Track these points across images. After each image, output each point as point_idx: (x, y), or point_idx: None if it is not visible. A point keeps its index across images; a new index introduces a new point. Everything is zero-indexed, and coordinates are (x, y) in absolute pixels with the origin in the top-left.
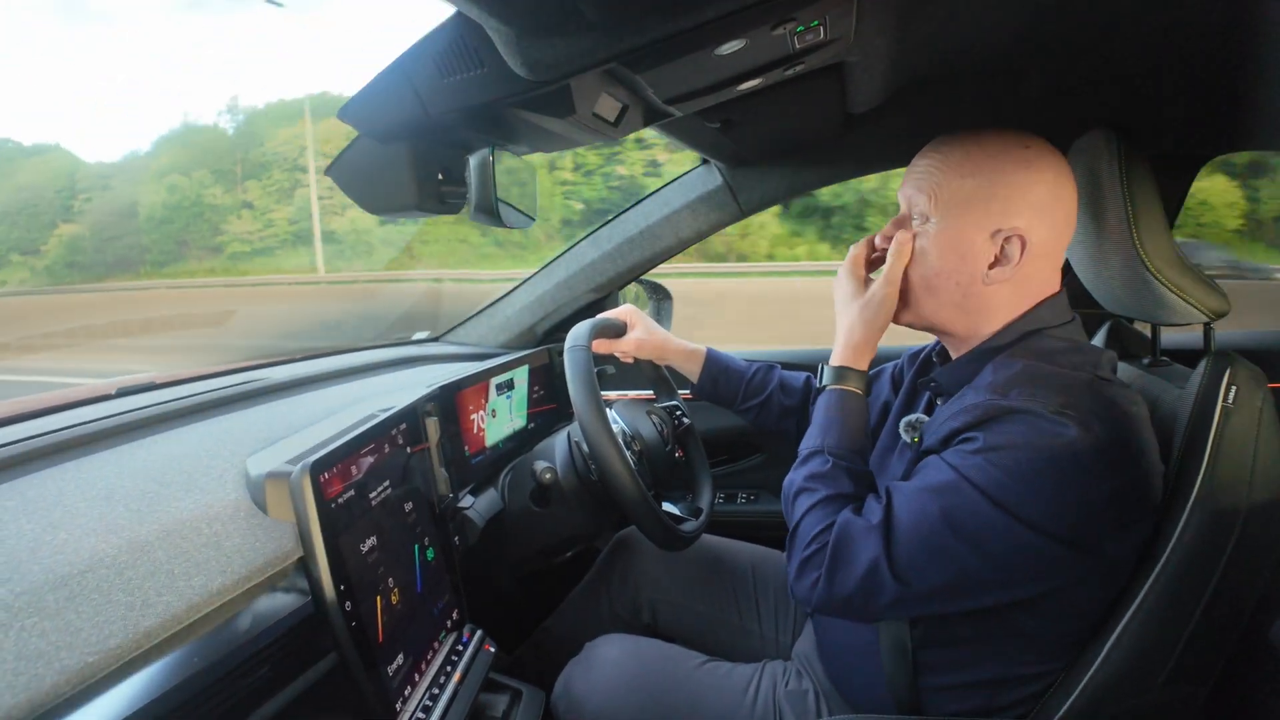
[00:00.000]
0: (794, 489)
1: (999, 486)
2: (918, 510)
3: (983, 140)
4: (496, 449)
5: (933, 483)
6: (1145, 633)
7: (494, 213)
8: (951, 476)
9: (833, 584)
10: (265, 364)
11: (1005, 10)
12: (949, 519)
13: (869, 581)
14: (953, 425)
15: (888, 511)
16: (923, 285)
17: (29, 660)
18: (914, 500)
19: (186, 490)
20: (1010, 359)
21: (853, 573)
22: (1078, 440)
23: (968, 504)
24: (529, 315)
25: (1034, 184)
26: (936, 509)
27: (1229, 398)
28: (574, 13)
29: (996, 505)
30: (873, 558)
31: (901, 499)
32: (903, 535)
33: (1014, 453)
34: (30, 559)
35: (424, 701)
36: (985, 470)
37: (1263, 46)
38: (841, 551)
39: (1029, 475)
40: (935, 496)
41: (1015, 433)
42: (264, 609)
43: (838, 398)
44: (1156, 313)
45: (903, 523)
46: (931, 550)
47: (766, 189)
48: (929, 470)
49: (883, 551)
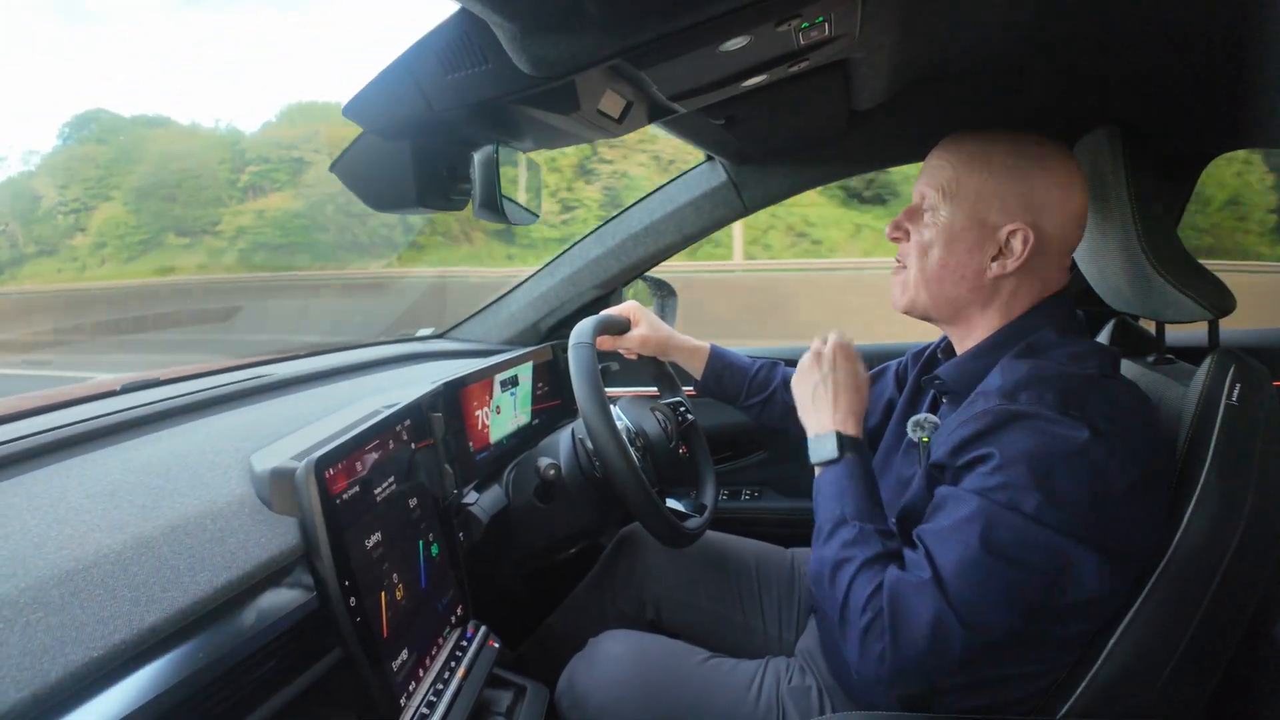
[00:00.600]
0: (829, 564)
1: (1024, 498)
2: (959, 547)
3: (997, 137)
4: (501, 445)
5: (962, 515)
6: (1148, 632)
7: (498, 209)
8: (977, 504)
9: (899, 649)
10: (270, 360)
11: (1010, 8)
12: (989, 545)
13: (937, 635)
14: (962, 434)
15: (930, 560)
16: (927, 274)
17: (34, 655)
18: (951, 539)
19: (191, 486)
20: (1016, 360)
21: (918, 631)
22: (1089, 440)
23: (1002, 523)
24: (533, 311)
25: (1044, 182)
26: (976, 540)
27: (1233, 395)
28: (578, 9)
29: (1028, 518)
30: (935, 611)
31: (939, 543)
32: (954, 578)
33: (1030, 462)
34: (36, 554)
35: (428, 697)
36: (1007, 487)
37: (1267, 43)
38: (900, 611)
39: (1047, 481)
40: (969, 527)
41: (1027, 440)
42: (269, 604)
43: (846, 468)
44: (1161, 310)
45: (949, 565)
46: (983, 583)
47: (770, 186)
48: (953, 504)
49: (942, 602)
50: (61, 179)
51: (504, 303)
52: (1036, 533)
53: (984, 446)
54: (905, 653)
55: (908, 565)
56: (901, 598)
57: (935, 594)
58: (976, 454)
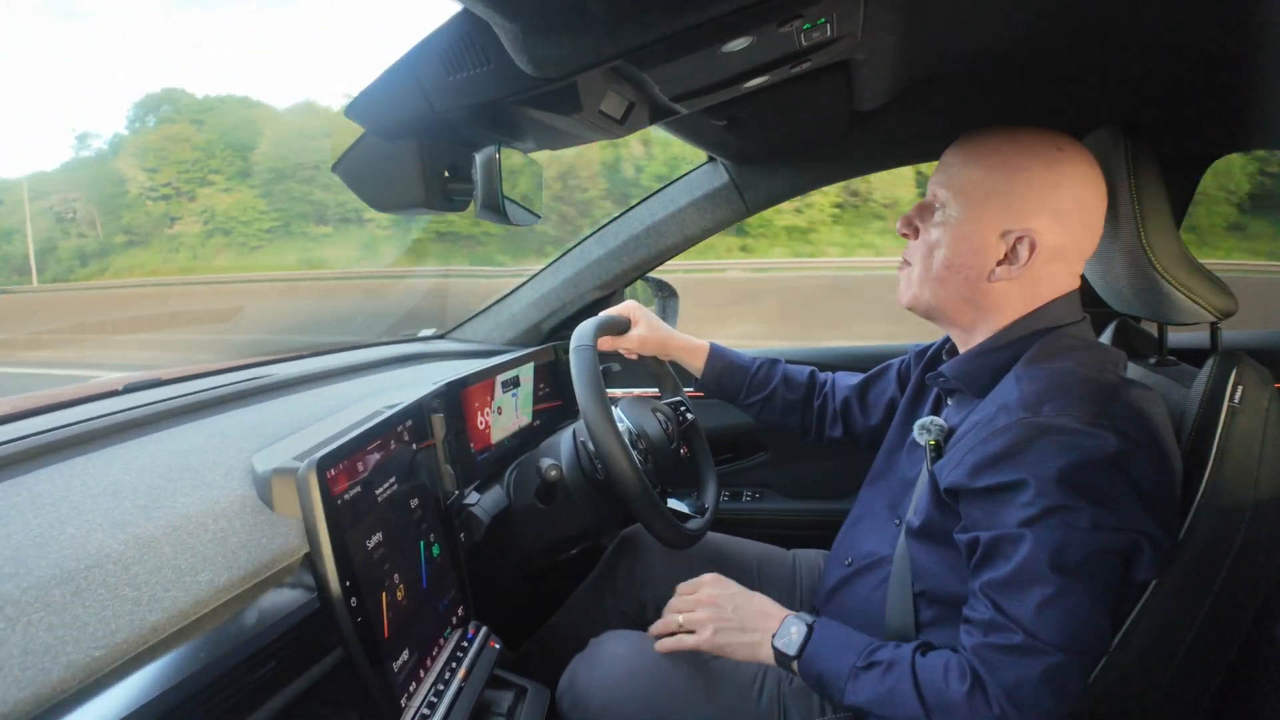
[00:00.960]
0: (884, 688)
1: (1076, 516)
2: (1035, 588)
3: (1015, 137)
4: (502, 446)
5: (1023, 555)
6: (1151, 632)
7: (500, 210)
8: (1032, 537)
9: (1024, 713)
10: (272, 360)
11: (1013, 9)
12: (1061, 569)
13: (1055, 683)
14: (984, 451)
15: (1007, 616)
16: (932, 274)
17: (36, 655)
18: (1023, 583)
19: (193, 486)
20: (1033, 366)
21: (1036, 692)
22: (1119, 447)
23: (1065, 545)
24: (535, 312)
25: (1055, 187)
26: (1047, 571)
27: (1235, 397)
28: (580, 9)
29: (1088, 530)
30: (1043, 665)
31: (1012, 594)
32: (1044, 623)
33: (1067, 482)
34: (37, 554)
35: (429, 698)
36: (1053, 510)
37: (1269, 46)
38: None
39: (1090, 491)
40: (1035, 565)
41: (1057, 459)
42: (270, 605)
43: (821, 628)
44: (1163, 312)
45: (1031, 612)
46: (1072, 610)
47: (772, 187)
48: (1005, 547)
49: (1045, 650)
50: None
51: (506, 303)
52: (1100, 539)
53: (1012, 470)
54: (1029, 715)
55: (985, 629)
56: (1003, 669)
57: (1033, 646)
58: (1005, 480)
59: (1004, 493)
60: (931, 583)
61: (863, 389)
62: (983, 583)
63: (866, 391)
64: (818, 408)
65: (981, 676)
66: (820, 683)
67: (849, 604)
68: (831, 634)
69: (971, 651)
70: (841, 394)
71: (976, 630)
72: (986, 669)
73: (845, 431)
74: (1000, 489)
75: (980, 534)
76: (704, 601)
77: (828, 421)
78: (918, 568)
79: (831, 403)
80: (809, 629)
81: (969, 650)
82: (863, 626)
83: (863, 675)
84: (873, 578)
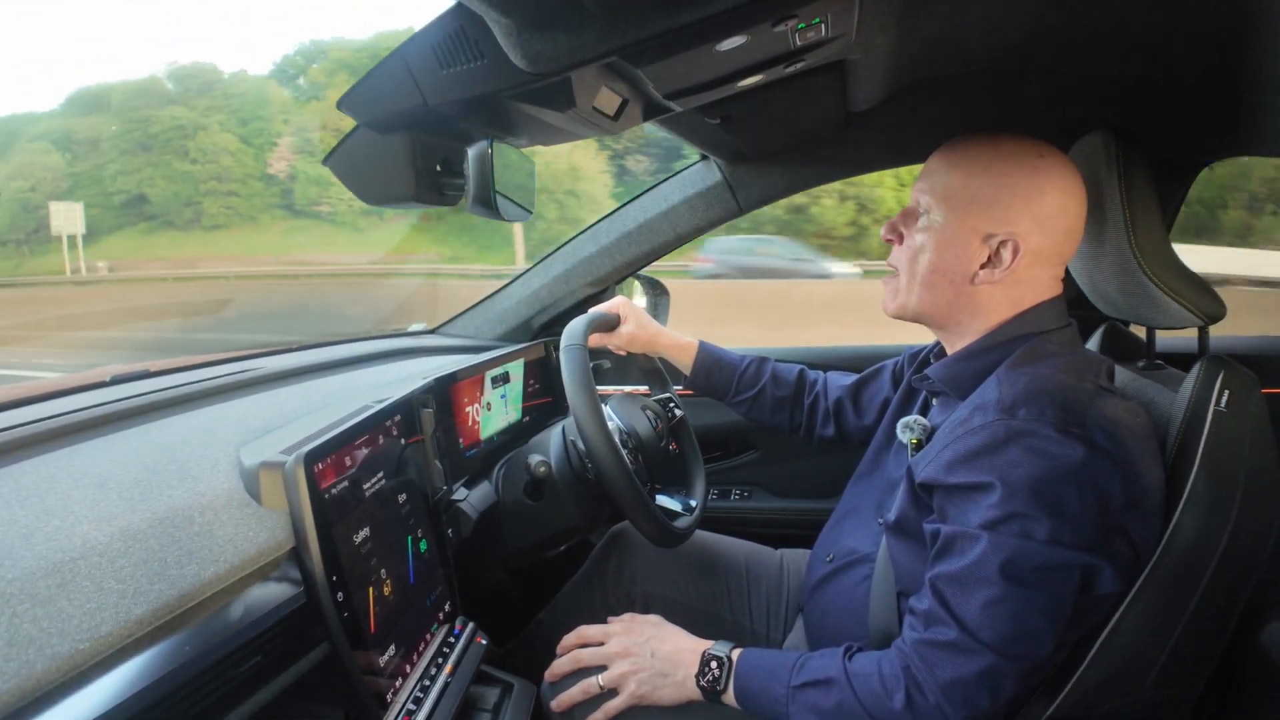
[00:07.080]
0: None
1: (1035, 526)
2: (982, 588)
3: (1000, 144)
4: (491, 442)
5: (976, 555)
6: (1135, 634)
7: (492, 205)
8: (988, 540)
9: (956, 708)
10: (260, 353)
11: (1007, 11)
12: (1012, 577)
13: (989, 682)
14: (958, 449)
15: (952, 613)
16: (917, 278)
17: (20, 646)
18: (971, 582)
19: (180, 479)
20: (1014, 370)
21: (971, 688)
22: (1087, 457)
23: (1019, 554)
24: (525, 309)
25: (1038, 192)
26: (997, 575)
27: (1222, 402)
28: (575, 6)
29: (1044, 543)
30: (981, 664)
31: (959, 590)
32: (986, 622)
33: (1033, 489)
34: (22, 545)
35: (415, 693)
36: (1014, 517)
37: (1263, 51)
38: (942, 678)
39: (1054, 503)
40: (986, 566)
41: (1027, 465)
42: (256, 598)
43: (745, 657)
44: (1152, 316)
45: (975, 611)
46: (1016, 616)
47: (765, 186)
48: (962, 543)
49: (983, 649)
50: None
51: (496, 299)
52: (1054, 554)
53: (983, 471)
54: (965, 711)
55: (925, 620)
56: (939, 665)
57: (971, 645)
58: (975, 480)
59: (973, 492)
60: (910, 583)
61: (856, 389)
62: (935, 574)
63: (860, 391)
64: (808, 406)
65: (916, 676)
66: (760, 708)
67: (831, 600)
68: (753, 661)
69: (911, 647)
70: (834, 393)
71: (918, 623)
72: (924, 665)
73: (837, 430)
74: (970, 488)
75: (942, 527)
76: (618, 654)
77: (819, 420)
78: (898, 568)
79: (824, 401)
80: (729, 660)
81: (908, 646)
82: (845, 623)
83: (799, 695)
84: (854, 575)
